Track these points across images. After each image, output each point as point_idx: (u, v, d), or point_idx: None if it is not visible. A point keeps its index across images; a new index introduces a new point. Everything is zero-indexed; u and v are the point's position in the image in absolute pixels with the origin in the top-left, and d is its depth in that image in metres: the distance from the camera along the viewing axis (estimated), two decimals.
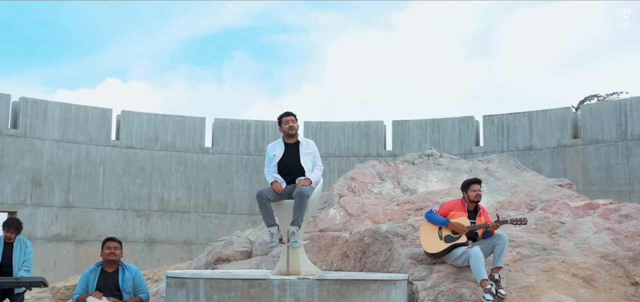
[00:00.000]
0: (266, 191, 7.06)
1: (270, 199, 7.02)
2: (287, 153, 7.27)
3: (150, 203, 15.93)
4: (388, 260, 7.62)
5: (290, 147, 7.30)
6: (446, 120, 16.40)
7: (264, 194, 7.00)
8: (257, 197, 7.04)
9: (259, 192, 7.08)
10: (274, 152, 7.36)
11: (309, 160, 7.25)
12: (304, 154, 7.25)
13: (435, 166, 11.66)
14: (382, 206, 8.95)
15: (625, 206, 10.63)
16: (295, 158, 7.23)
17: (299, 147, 7.29)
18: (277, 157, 7.30)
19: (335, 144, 16.72)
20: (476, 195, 7.26)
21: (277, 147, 7.39)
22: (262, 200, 6.98)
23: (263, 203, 6.99)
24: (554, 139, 15.01)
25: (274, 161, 7.30)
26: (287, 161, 7.23)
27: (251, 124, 16.85)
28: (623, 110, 14.14)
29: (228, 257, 8.63)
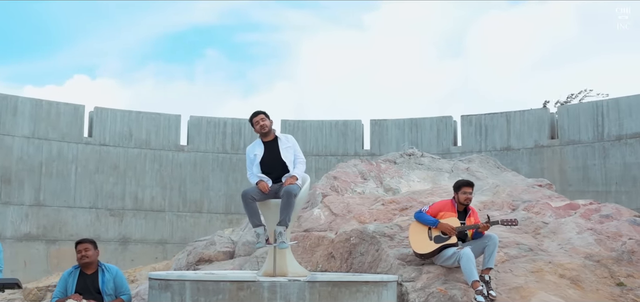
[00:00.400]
0: (252, 191, 6.88)
1: (256, 198, 6.84)
2: (267, 151, 7.13)
3: (123, 202, 15.58)
4: (375, 261, 7.49)
5: (269, 145, 7.16)
6: (424, 119, 16.36)
7: (250, 194, 6.82)
8: (242, 197, 6.86)
9: (244, 191, 6.90)
10: (255, 152, 7.21)
11: (290, 153, 7.10)
12: (283, 149, 7.11)
13: (417, 166, 11.59)
14: (368, 206, 8.83)
15: (606, 206, 10.69)
16: (275, 155, 7.09)
17: (278, 143, 7.14)
18: (258, 156, 7.14)
19: (312, 143, 16.56)
20: (466, 198, 7.17)
21: (257, 147, 7.24)
22: (248, 200, 6.80)
23: (249, 203, 6.81)
24: (532, 140, 15.07)
25: (255, 161, 7.14)
26: (269, 159, 7.08)
27: (227, 122, 16.60)
28: (600, 112, 14.24)
29: (210, 258, 8.41)
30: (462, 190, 7.15)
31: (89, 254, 6.40)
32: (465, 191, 7.16)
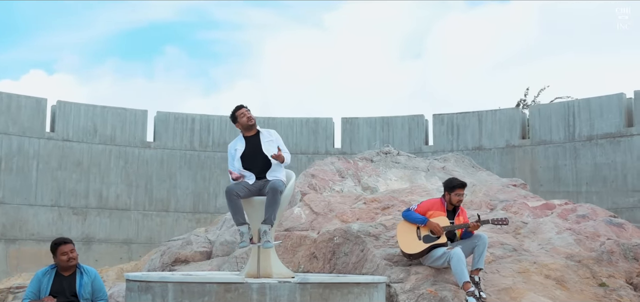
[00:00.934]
0: (236, 187, 6.59)
1: (240, 195, 6.55)
2: (248, 146, 6.86)
3: (87, 200, 15.04)
4: (360, 261, 7.28)
5: (250, 139, 6.91)
6: (396, 118, 16.23)
7: (234, 191, 6.53)
8: (226, 193, 6.56)
9: (228, 188, 6.60)
10: (235, 147, 6.94)
11: (273, 147, 6.85)
12: (265, 142, 6.87)
13: (394, 164, 11.43)
14: (349, 205, 8.61)
15: (581, 206, 10.72)
16: (257, 149, 6.83)
17: (260, 137, 6.89)
18: (239, 151, 6.87)
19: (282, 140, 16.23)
20: (458, 200, 7.01)
21: (238, 142, 6.98)
22: (232, 197, 6.51)
23: (233, 200, 6.51)
24: (503, 139, 15.08)
25: (236, 156, 6.86)
26: (250, 154, 6.82)
27: (196, 118, 16.19)
28: (571, 112, 14.31)
29: (187, 258, 8.08)
30: (456, 191, 6.97)
31: (75, 255, 5.99)
32: (459, 192, 6.98)
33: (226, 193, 6.55)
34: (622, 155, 13.52)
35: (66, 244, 6.01)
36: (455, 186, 7.00)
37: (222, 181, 15.93)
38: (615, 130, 13.67)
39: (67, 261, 5.93)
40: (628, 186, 13.37)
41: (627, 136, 13.52)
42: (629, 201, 13.27)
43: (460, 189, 7.01)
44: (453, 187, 7.01)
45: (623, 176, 13.48)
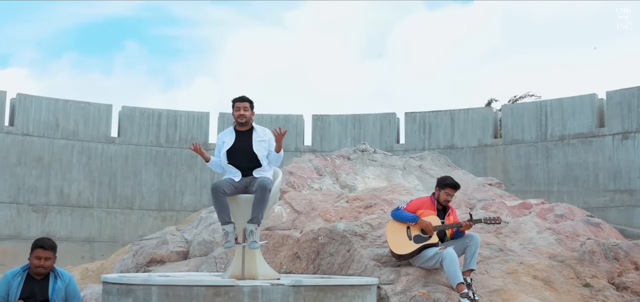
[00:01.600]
0: (223, 183, 6.25)
1: (226, 192, 6.21)
2: (238, 141, 6.50)
3: (48, 197, 14.40)
4: (347, 261, 7.01)
5: (242, 134, 6.55)
6: (367, 116, 16.03)
7: (221, 187, 6.17)
8: (212, 190, 6.21)
9: (215, 184, 6.25)
10: (224, 140, 6.58)
11: (263, 148, 6.51)
12: (257, 141, 6.50)
13: (371, 162, 11.22)
14: (331, 203, 8.34)
15: (558, 206, 10.71)
16: (247, 146, 6.47)
17: (252, 134, 6.54)
18: (227, 145, 6.51)
19: None
20: (446, 200, 6.80)
21: (227, 135, 6.62)
22: (219, 194, 6.15)
23: (219, 197, 6.16)
24: (475, 138, 15.00)
25: (223, 149, 6.52)
26: (238, 149, 6.46)
27: (162, 114, 15.69)
28: (543, 112, 14.31)
29: (163, 258, 7.68)
30: (446, 190, 6.76)
31: (48, 265, 5.54)
32: (449, 192, 6.78)
33: (212, 190, 6.21)
34: (594, 155, 13.57)
35: (44, 250, 5.52)
36: (448, 184, 6.80)
37: (188, 178, 15.50)
38: (587, 130, 13.72)
39: (37, 267, 5.48)
40: (599, 186, 13.43)
41: (599, 136, 13.58)
42: (601, 200, 13.32)
43: (452, 189, 6.81)
44: (445, 185, 6.80)
45: (594, 175, 13.53)
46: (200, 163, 15.50)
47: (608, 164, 13.38)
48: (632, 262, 8.84)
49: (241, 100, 6.53)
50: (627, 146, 13.21)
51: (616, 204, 13.15)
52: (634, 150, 13.13)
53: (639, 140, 13.07)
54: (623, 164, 13.19)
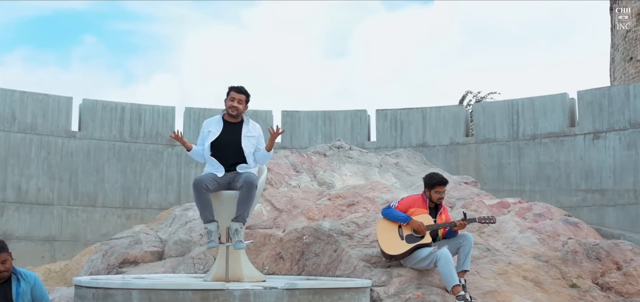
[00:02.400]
0: (206, 179, 5.84)
1: (210, 188, 5.81)
2: (225, 132, 6.10)
3: (4, 193, 13.68)
4: (333, 262, 6.70)
5: (230, 126, 6.14)
6: (338, 112, 15.74)
7: (204, 183, 5.77)
8: (195, 186, 5.79)
9: (197, 179, 5.84)
10: (210, 128, 6.17)
11: (251, 145, 6.13)
12: (245, 136, 6.12)
13: (347, 159, 10.94)
14: (313, 201, 8.01)
15: (536, 205, 10.64)
16: (234, 140, 6.08)
17: (242, 127, 6.15)
18: (213, 135, 6.10)
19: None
20: (439, 198, 6.54)
21: (214, 124, 6.20)
22: (202, 189, 5.75)
23: (202, 193, 5.76)
24: (447, 137, 14.86)
25: (207, 139, 6.10)
26: (225, 142, 6.06)
27: (126, 107, 15.09)
28: (515, 110, 14.26)
29: (136, 259, 7.23)
30: (436, 189, 6.51)
31: (7, 267, 5.02)
32: (439, 190, 6.53)
33: (194, 186, 5.80)
34: (566, 154, 13.57)
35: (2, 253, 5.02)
36: (436, 182, 6.54)
37: (154, 175, 14.95)
38: (558, 129, 13.71)
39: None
40: (571, 185, 13.43)
41: (571, 136, 13.58)
42: (572, 200, 13.32)
43: (441, 186, 6.56)
44: (433, 185, 6.55)
45: (566, 175, 13.53)
46: (166, 159, 15.00)
47: (580, 163, 13.39)
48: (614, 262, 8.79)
49: (238, 91, 6.14)
50: (599, 146, 13.24)
51: (588, 204, 13.17)
52: (605, 150, 13.17)
53: (610, 140, 13.12)
54: (594, 163, 13.22)
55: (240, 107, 6.10)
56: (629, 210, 12.78)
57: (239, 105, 6.08)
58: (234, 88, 6.14)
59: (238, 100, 6.08)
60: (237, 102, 6.07)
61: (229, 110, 6.11)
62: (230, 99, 6.09)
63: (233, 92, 6.10)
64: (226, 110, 6.14)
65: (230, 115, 6.10)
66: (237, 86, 6.15)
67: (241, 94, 6.11)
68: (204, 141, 6.13)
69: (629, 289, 8.40)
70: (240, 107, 6.10)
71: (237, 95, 6.09)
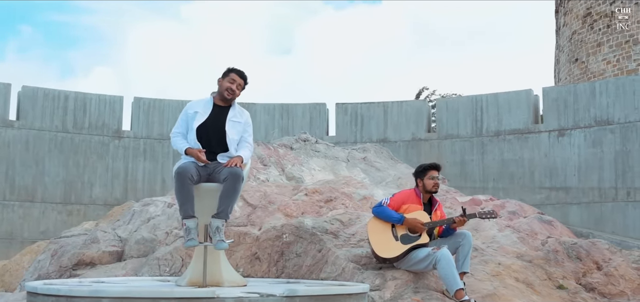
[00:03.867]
0: (191, 167, 5.09)
1: (194, 179, 5.08)
2: (213, 117, 5.35)
3: None
4: (318, 263, 6.06)
5: (219, 110, 5.40)
6: (296, 106, 15.11)
7: (189, 172, 5.02)
8: (178, 174, 5.02)
9: (182, 167, 5.06)
10: (196, 109, 5.38)
11: (236, 132, 5.41)
12: (231, 121, 5.39)
13: (314, 153, 10.32)
14: (289, 196, 7.36)
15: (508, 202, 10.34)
16: (220, 125, 5.35)
17: (229, 112, 5.42)
18: (200, 118, 5.32)
19: (170, 125, 14.42)
20: (434, 184, 6.00)
21: (202, 105, 5.40)
22: (186, 180, 5.00)
23: (186, 184, 5.01)
24: (409, 132, 14.44)
25: (193, 122, 5.33)
26: (211, 127, 5.31)
27: (70, 96, 14.02)
28: (479, 106, 13.96)
29: (93, 260, 6.40)
30: (428, 174, 5.95)
31: None
32: (432, 174, 5.98)
33: (178, 174, 5.03)
34: (530, 151, 13.34)
35: None
36: (426, 168, 5.99)
37: (99, 168, 13.95)
38: (523, 126, 13.48)
39: None
40: (535, 183, 13.21)
41: (535, 133, 13.37)
42: (536, 198, 13.10)
43: (433, 170, 6.01)
44: (424, 170, 6.00)
45: (530, 172, 13.31)
46: (112, 151, 14.02)
47: (544, 161, 13.19)
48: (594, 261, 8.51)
49: (240, 74, 5.40)
50: (563, 143, 13.06)
51: (552, 202, 12.96)
52: (570, 147, 13.00)
53: (575, 137, 12.95)
54: (559, 161, 13.04)
55: (238, 92, 5.38)
56: (593, 208, 12.64)
57: (237, 90, 5.37)
58: (234, 70, 5.41)
59: (237, 85, 5.36)
60: (236, 86, 5.35)
61: (224, 92, 5.35)
62: (229, 81, 5.34)
63: (234, 74, 5.37)
64: (219, 93, 5.39)
65: (224, 98, 5.36)
66: (238, 69, 5.43)
67: (242, 79, 5.39)
68: (186, 124, 5.35)
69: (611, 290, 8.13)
70: (237, 92, 5.38)
71: (238, 78, 5.36)
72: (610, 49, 24.87)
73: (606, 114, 12.69)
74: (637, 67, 23.15)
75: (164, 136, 14.33)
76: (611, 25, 25.21)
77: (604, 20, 25.31)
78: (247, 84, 5.44)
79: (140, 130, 14.32)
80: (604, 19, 25.35)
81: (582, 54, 26.49)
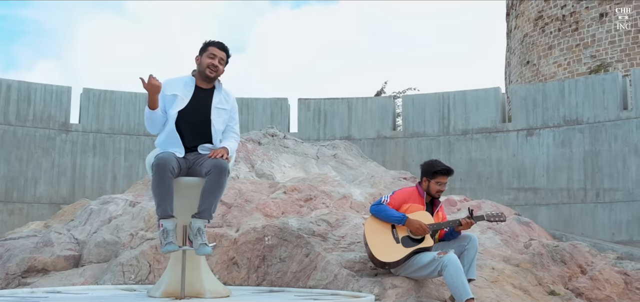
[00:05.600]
0: (172, 159, 4.39)
1: (175, 171, 4.38)
2: (195, 100, 4.64)
3: None
4: (305, 269, 5.45)
5: (201, 92, 4.69)
6: (257, 100, 14.41)
7: (170, 164, 4.32)
8: (158, 166, 4.30)
9: (162, 158, 4.34)
10: (175, 92, 4.64)
11: (221, 120, 4.75)
12: (216, 108, 4.70)
13: (283, 149, 9.70)
14: (267, 194, 6.71)
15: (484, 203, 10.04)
16: (203, 112, 4.65)
17: (213, 95, 4.73)
18: (180, 101, 4.60)
19: (123, 119, 13.60)
20: (438, 191, 5.46)
21: (182, 85, 4.66)
22: (167, 173, 4.29)
23: (166, 178, 4.30)
24: (374, 130, 13.93)
25: (171, 106, 4.60)
26: (192, 112, 4.61)
27: (12, 86, 12.94)
28: (446, 104, 13.57)
29: (46, 266, 5.60)
30: (437, 179, 5.42)
31: None
32: (441, 181, 5.45)
33: (158, 166, 4.31)
34: (498, 151, 13.03)
35: None
36: (438, 171, 5.45)
37: (44, 164, 12.92)
38: (491, 125, 13.16)
39: None
40: (503, 183, 12.90)
41: (503, 132, 13.06)
42: (505, 198, 12.78)
43: (443, 176, 5.48)
44: (434, 173, 5.46)
45: (498, 172, 12.99)
46: (59, 146, 13.01)
47: (512, 160, 12.89)
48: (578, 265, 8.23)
49: (220, 46, 4.68)
50: (532, 143, 12.79)
51: (520, 203, 12.67)
52: (538, 147, 12.74)
53: (544, 137, 12.70)
54: (527, 161, 12.76)
55: (221, 67, 4.68)
56: (561, 209, 12.40)
57: (220, 66, 4.66)
58: (213, 43, 4.70)
59: (219, 59, 4.66)
60: (218, 61, 4.65)
61: (206, 70, 4.64)
62: (209, 56, 4.64)
63: (213, 48, 4.67)
64: (199, 72, 4.68)
65: (206, 77, 4.64)
66: (217, 40, 4.72)
67: (223, 51, 4.68)
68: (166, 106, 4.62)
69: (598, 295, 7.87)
70: (220, 67, 4.67)
71: (219, 51, 4.66)
72: (561, 52, 25.10)
73: (575, 113, 12.48)
74: (587, 71, 23.41)
75: (116, 130, 13.42)
76: (562, 28, 25.46)
77: (556, 24, 25.54)
78: (229, 57, 4.75)
79: (90, 123, 13.35)
80: (555, 22, 25.58)
81: (533, 56, 26.65)
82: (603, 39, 22.92)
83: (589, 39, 23.66)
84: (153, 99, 4.48)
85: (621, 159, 11.88)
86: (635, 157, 11.73)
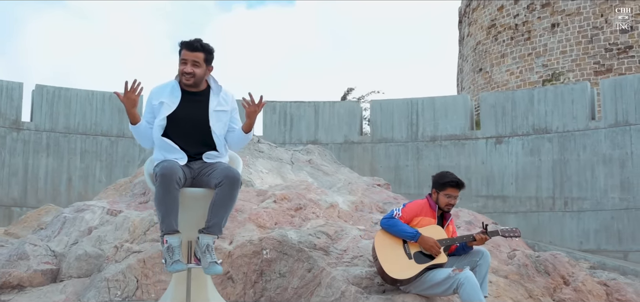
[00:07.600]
0: (178, 168, 3.98)
1: (181, 182, 3.97)
2: (185, 105, 4.22)
3: None
4: (308, 285, 5.09)
5: (191, 97, 4.27)
6: None
7: (177, 174, 3.91)
8: (163, 176, 3.88)
9: (167, 167, 3.92)
10: (162, 99, 4.22)
11: (221, 124, 4.36)
12: (215, 111, 4.31)
13: (258, 154, 9.32)
14: (257, 203, 6.32)
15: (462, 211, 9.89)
16: (199, 116, 4.24)
17: (210, 96, 4.32)
18: (167, 107, 4.19)
19: (78, 118, 12.88)
20: (448, 205, 5.20)
21: (168, 93, 4.25)
22: (173, 183, 3.88)
23: (172, 189, 3.89)
24: (341, 134, 13.67)
25: (161, 114, 4.20)
26: (185, 119, 4.19)
27: None
28: (415, 110, 13.42)
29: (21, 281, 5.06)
30: (446, 192, 5.16)
31: None
32: (450, 193, 5.19)
33: (162, 177, 3.89)
34: (467, 158, 12.95)
35: None
36: (448, 182, 5.19)
37: (5, 167, 12.12)
38: (459, 132, 13.07)
39: None
40: (472, 190, 12.81)
41: (472, 139, 13.00)
42: (473, 206, 12.68)
43: (454, 189, 5.23)
44: (443, 185, 5.20)
45: (467, 179, 12.78)
46: (9, 145, 12.23)
47: (481, 168, 12.83)
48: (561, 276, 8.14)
49: (190, 47, 4.21)
50: (501, 151, 12.76)
51: (489, 211, 12.61)
52: (507, 155, 12.72)
53: (513, 145, 12.69)
54: (496, 169, 12.72)
55: (198, 71, 4.21)
56: (530, 218, 12.41)
57: (195, 69, 4.20)
58: (184, 44, 4.24)
59: (193, 62, 4.18)
60: (190, 64, 4.18)
61: (182, 79, 4.21)
62: (182, 62, 4.20)
63: (183, 50, 4.21)
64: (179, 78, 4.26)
65: (186, 85, 4.21)
66: (187, 40, 4.24)
67: (196, 52, 4.21)
68: (152, 116, 4.20)
69: None
70: (197, 71, 4.21)
71: (190, 54, 4.19)
72: (513, 60, 25.48)
73: (544, 122, 12.52)
74: (539, 79, 23.82)
75: (71, 130, 12.72)
76: (515, 37, 25.84)
77: (508, 32, 25.92)
78: (209, 53, 4.29)
79: (43, 122, 12.61)
80: (508, 31, 25.96)
81: (486, 64, 26.96)
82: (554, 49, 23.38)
83: (541, 48, 24.10)
84: (130, 113, 4.09)
85: (590, 168, 11.95)
86: (604, 167, 11.82)
